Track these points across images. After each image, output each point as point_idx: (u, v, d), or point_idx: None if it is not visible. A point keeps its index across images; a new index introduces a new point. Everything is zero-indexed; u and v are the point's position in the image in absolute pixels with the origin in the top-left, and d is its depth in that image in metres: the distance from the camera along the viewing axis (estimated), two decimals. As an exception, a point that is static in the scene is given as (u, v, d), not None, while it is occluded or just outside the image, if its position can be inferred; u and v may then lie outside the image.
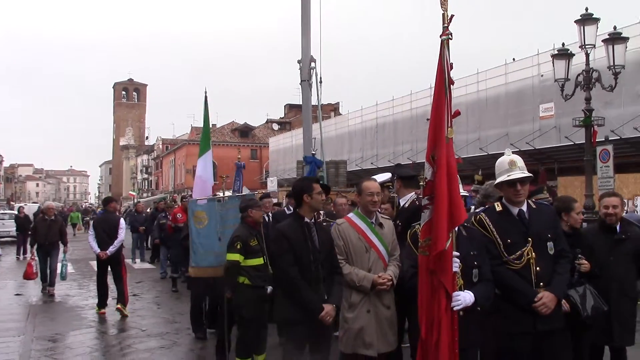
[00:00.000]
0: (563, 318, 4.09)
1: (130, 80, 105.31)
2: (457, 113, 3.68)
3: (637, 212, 16.01)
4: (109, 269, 10.36)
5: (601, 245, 5.10)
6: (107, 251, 10.05)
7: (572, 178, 20.78)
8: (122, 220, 10.79)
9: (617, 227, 5.20)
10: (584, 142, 13.58)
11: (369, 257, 4.83)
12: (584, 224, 8.84)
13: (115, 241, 10.16)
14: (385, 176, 6.47)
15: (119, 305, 10.10)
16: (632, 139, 18.92)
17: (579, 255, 4.91)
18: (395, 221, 5.39)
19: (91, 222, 11.46)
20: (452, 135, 3.61)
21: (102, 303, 10.31)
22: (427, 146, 3.71)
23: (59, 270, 12.29)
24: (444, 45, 3.67)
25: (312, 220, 4.79)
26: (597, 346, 5.24)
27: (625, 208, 18.99)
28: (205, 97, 8.94)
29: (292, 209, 7.19)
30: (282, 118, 67.38)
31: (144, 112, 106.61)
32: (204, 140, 8.90)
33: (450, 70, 3.69)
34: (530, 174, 4.16)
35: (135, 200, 24.62)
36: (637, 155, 19.84)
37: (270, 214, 9.33)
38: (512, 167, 4.08)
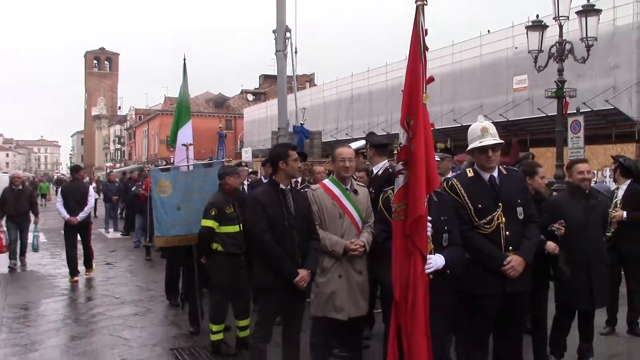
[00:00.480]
0: (530, 281, 4.19)
1: (102, 49, 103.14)
2: (431, 79, 3.69)
3: (606, 182, 16.32)
4: (78, 236, 10.55)
5: (577, 212, 5.16)
6: (78, 217, 10.30)
7: (543, 149, 21.06)
8: (91, 188, 11.15)
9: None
10: (556, 113, 13.76)
11: (342, 223, 4.88)
12: (554, 193, 9.04)
13: (86, 207, 10.51)
14: (360, 143, 6.51)
15: (87, 273, 10.75)
16: (603, 111, 19.20)
17: (560, 220, 5.01)
18: (368, 188, 5.43)
19: (59, 190, 11.29)
20: (426, 100, 3.62)
21: (73, 271, 10.36)
22: (402, 111, 3.71)
23: (30, 240, 12.09)
24: (419, 11, 3.66)
25: (289, 187, 4.79)
26: (568, 311, 5.38)
27: (595, 179, 19.40)
28: (185, 65, 8.80)
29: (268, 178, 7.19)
30: (257, 89, 66.77)
31: (116, 82, 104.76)
32: (185, 110, 8.74)
33: (425, 36, 3.69)
34: (502, 141, 4.22)
35: (108, 171, 24.05)
36: (607, 127, 20.15)
37: (247, 182, 9.31)
38: (484, 133, 4.13)
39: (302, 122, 9.78)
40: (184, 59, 8.84)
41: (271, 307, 4.67)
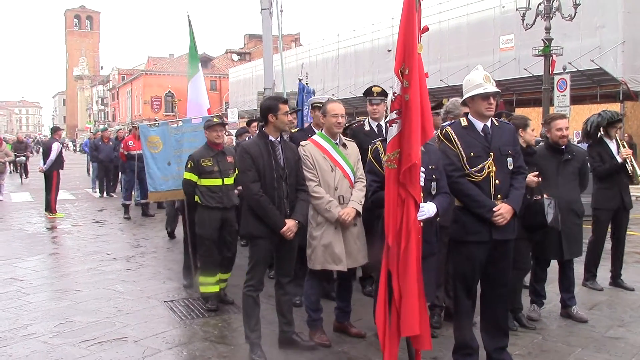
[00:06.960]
0: (516, 229, 4.32)
1: (82, 7, 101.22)
2: (426, 29, 3.71)
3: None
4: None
5: (550, 166, 5.48)
6: (43, 167, 12.99)
7: (529, 109, 21.22)
8: (53, 144, 13.04)
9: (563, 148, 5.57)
10: (542, 73, 13.85)
11: (334, 176, 4.96)
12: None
13: (48, 160, 12.84)
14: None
15: (46, 213, 13.00)
16: (588, 71, 19.32)
17: (534, 172, 5.15)
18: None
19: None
20: (421, 50, 3.66)
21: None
22: (396, 60, 3.73)
23: None
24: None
25: (278, 139, 4.83)
26: (540, 260, 5.63)
27: (579, 138, 19.56)
28: (189, 20, 8.73)
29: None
30: (242, 48, 66.08)
31: (98, 41, 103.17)
32: (191, 63, 8.70)
33: None
34: (500, 90, 4.35)
35: (99, 129, 23.00)
36: (592, 87, 20.30)
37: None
38: (486, 81, 4.21)
39: (300, 78, 9.74)
40: (188, 16, 8.74)
41: (260, 256, 4.74)
